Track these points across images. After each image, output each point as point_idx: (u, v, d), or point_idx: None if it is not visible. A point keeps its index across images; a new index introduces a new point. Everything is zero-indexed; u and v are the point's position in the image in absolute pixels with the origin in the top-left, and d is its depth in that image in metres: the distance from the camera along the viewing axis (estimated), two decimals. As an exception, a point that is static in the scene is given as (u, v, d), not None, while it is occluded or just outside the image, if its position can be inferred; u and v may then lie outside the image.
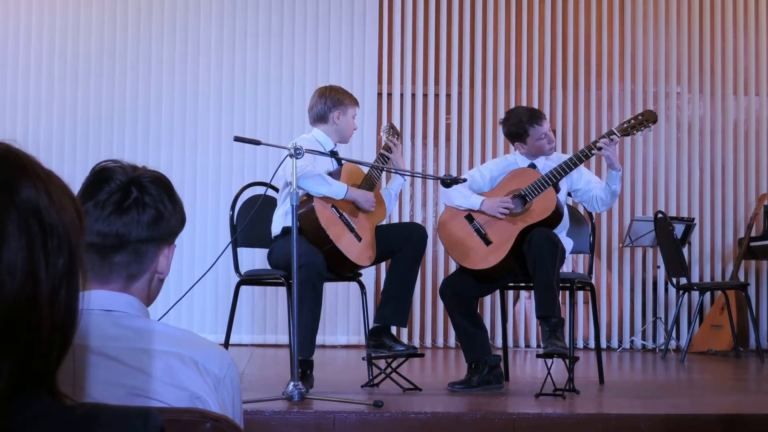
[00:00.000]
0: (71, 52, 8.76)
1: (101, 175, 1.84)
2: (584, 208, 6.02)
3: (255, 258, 7.51)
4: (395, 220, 8.79)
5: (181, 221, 1.91)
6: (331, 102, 5.55)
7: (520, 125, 5.66)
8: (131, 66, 8.80)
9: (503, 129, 5.80)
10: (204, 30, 8.87)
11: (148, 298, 1.91)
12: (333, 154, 5.52)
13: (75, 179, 1.80)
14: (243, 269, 5.69)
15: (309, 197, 5.28)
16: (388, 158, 5.58)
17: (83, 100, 8.75)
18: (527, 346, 9.06)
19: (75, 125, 8.73)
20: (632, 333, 9.19)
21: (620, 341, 9.14)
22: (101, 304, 1.79)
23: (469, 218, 5.58)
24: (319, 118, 5.59)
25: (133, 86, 8.79)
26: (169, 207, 1.88)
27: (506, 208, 5.48)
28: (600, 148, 5.48)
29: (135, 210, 1.83)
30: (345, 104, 5.56)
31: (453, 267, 7.83)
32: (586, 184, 5.72)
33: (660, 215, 8.19)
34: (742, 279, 8.90)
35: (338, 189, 5.32)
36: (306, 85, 8.79)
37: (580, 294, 8.30)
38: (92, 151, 8.67)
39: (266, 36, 8.92)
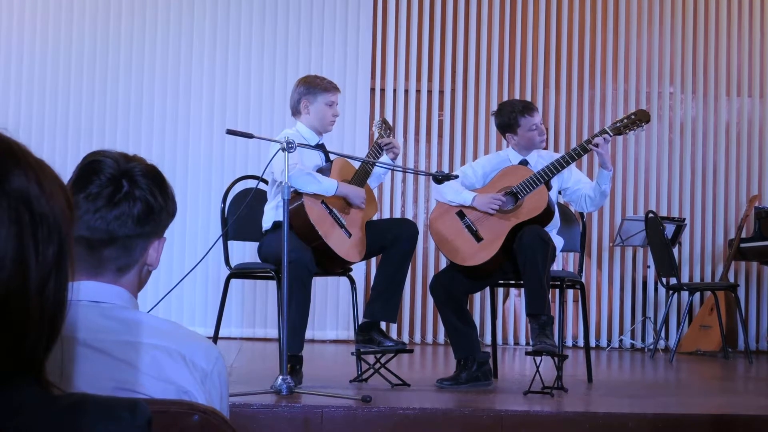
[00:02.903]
0: (64, 45, 8.75)
1: (92, 167, 1.83)
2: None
3: (245, 251, 7.50)
4: (386, 215, 8.79)
5: (171, 213, 1.90)
6: (298, 93, 5.53)
7: (511, 116, 5.66)
8: (123, 58, 8.78)
9: (495, 121, 5.81)
10: (197, 24, 8.86)
11: (138, 289, 1.91)
12: (320, 147, 5.50)
13: (66, 171, 1.79)
14: (233, 262, 5.69)
15: (299, 193, 5.27)
16: (381, 152, 5.55)
17: (75, 92, 8.74)
18: (516, 343, 9.07)
19: (66, 117, 8.71)
20: (621, 332, 9.20)
21: (609, 340, 9.16)
22: (90, 294, 1.79)
23: (460, 215, 5.58)
24: (294, 110, 5.58)
25: (125, 79, 8.77)
26: (160, 200, 1.87)
27: (498, 205, 5.48)
28: (597, 145, 5.47)
29: (126, 204, 1.82)
30: (314, 92, 5.50)
31: (443, 263, 7.83)
32: (576, 183, 5.72)
33: (651, 215, 8.20)
34: (731, 280, 8.92)
35: (328, 186, 5.31)
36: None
37: (570, 292, 8.31)
38: (84, 143, 8.65)
39: (260, 30, 8.91)
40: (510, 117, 5.68)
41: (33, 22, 8.75)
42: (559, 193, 5.81)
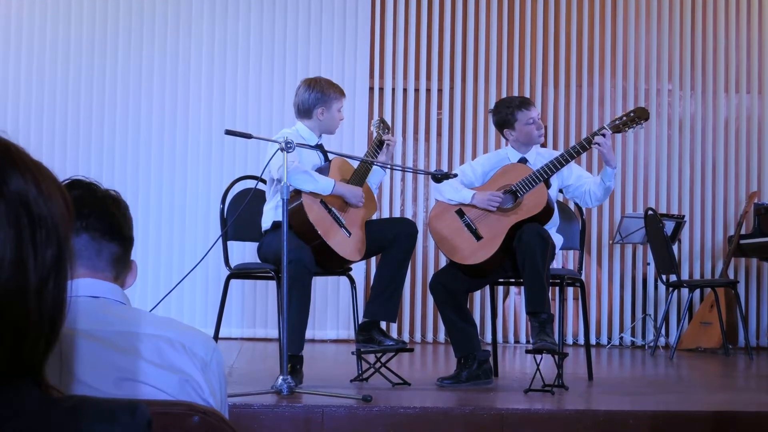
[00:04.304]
0: (62, 45, 8.74)
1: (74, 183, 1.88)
2: (575, 204, 6.04)
3: (245, 251, 7.50)
4: (385, 215, 8.79)
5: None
6: (314, 98, 5.51)
7: (508, 111, 5.66)
8: (122, 58, 8.78)
9: (493, 118, 5.81)
10: (195, 22, 8.86)
11: None
12: (319, 147, 5.51)
13: (65, 173, 1.80)
14: (233, 263, 5.69)
15: (298, 193, 5.27)
16: (379, 152, 5.56)
17: (73, 93, 8.73)
18: (516, 341, 9.08)
19: (65, 117, 8.70)
20: (621, 330, 9.21)
21: (609, 338, 9.16)
22: (89, 291, 1.83)
23: (460, 213, 5.58)
24: (302, 112, 5.56)
25: (123, 79, 8.77)
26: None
27: (497, 203, 5.47)
28: (598, 144, 5.48)
29: (119, 214, 1.90)
30: (329, 100, 5.51)
31: (443, 262, 7.83)
32: (577, 180, 5.72)
33: (650, 212, 8.20)
34: (731, 276, 8.92)
35: (325, 185, 5.31)
36: (298, 79, 8.69)
37: (570, 290, 8.30)
38: (82, 143, 8.65)
39: (258, 30, 8.91)
40: (507, 112, 5.67)
41: (31, 24, 8.73)
42: (560, 191, 5.81)
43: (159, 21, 8.83)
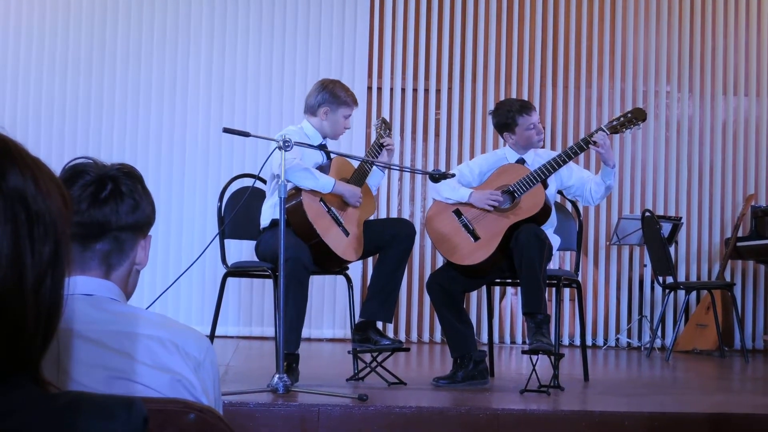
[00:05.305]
0: (61, 43, 8.73)
1: (74, 171, 1.86)
2: (573, 204, 6.04)
3: (242, 250, 7.50)
4: (383, 215, 8.79)
5: (154, 211, 1.93)
6: (322, 97, 5.53)
7: (509, 115, 5.66)
8: (120, 57, 8.77)
9: (493, 120, 5.80)
10: (194, 21, 8.85)
11: (126, 290, 1.93)
12: (321, 147, 5.51)
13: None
14: (230, 261, 5.69)
15: (297, 191, 5.27)
16: (380, 152, 5.56)
17: (72, 91, 8.72)
18: (513, 342, 9.08)
19: (63, 116, 8.70)
20: (618, 331, 9.21)
21: (606, 339, 9.16)
22: (82, 288, 1.82)
23: (457, 213, 5.58)
24: (309, 109, 5.57)
25: (122, 77, 8.76)
26: (144, 197, 1.91)
27: (495, 201, 5.47)
28: (596, 143, 5.48)
29: (113, 201, 1.86)
30: (337, 103, 5.51)
31: (440, 262, 7.83)
32: (579, 180, 5.72)
33: (647, 214, 8.21)
34: (728, 279, 8.92)
35: (325, 183, 5.32)
36: (296, 78, 8.79)
37: (567, 291, 8.31)
38: (80, 141, 8.65)
39: (257, 28, 8.91)
40: (507, 116, 5.67)
41: (30, 23, 8.73)
42: (560, 192, 5.82)
43: (158, 20, 8.82)
